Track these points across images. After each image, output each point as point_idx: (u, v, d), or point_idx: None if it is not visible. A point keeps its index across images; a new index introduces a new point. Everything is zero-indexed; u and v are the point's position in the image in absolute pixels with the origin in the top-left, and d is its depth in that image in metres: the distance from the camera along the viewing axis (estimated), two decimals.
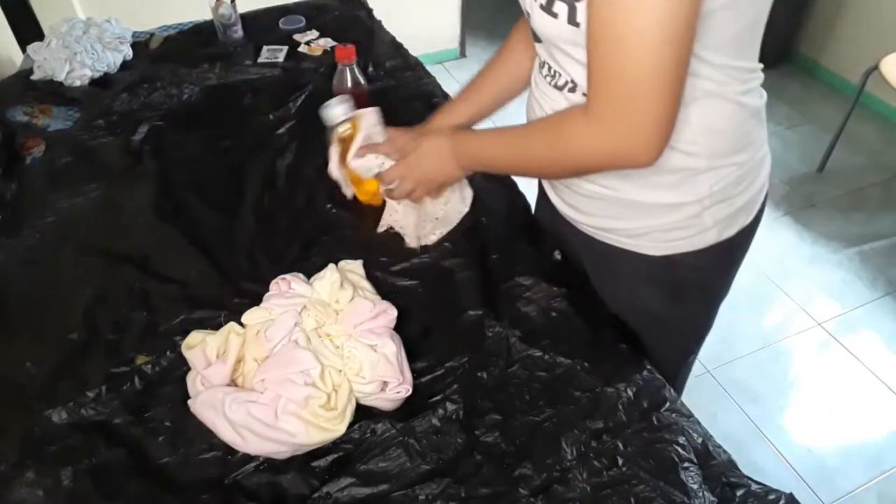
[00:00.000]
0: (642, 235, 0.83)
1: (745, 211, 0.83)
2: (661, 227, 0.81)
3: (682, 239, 0.82)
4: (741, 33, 0.69)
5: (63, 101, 1.32)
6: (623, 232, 0.85)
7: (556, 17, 0.67)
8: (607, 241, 0.88)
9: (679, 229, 0.81)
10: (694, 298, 0.93)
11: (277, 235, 1.02)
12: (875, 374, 1.87)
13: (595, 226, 0.88)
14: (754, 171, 0.81)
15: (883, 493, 1.61)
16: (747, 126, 0.76)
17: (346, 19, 1.64)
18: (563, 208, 0.92)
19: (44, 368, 0.82)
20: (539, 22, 0.70)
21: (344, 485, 0.70)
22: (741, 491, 0.71)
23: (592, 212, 0.86)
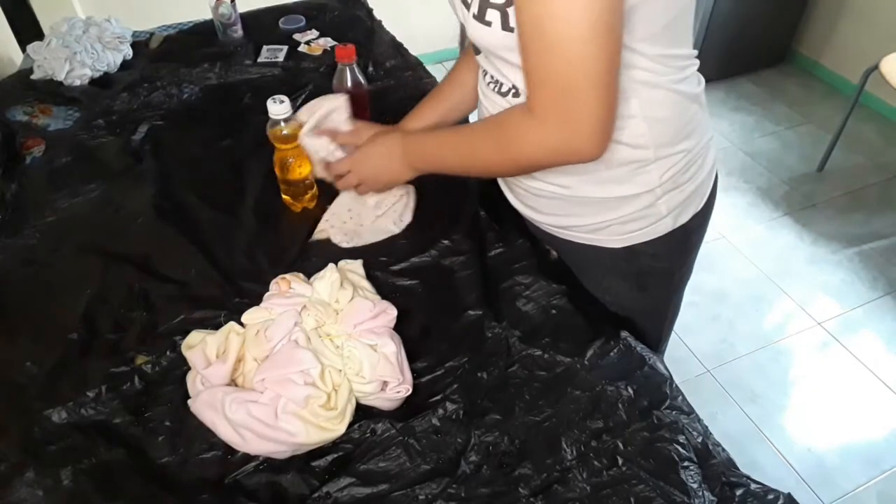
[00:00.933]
0: (601, 230, 0.86)
1: (698, 195, 0.86)
2: (619, 220, 0.84)
3: (640, 229, 0.85)
4: (672, 23, 0.70)
5: (63, 101, 1.32)
6: (582, 228, 0.87)
7: (490, 25, 0.69)
8: (569, 237, 0.91)
9: (635, 220, 0.84)
10: (658, 286, 0.96)
11: (277, 235, 1.02)
12: (875, 374, 1.87)
13: (555, 224, 0.90)
14: (702, 156, 0.84)
15: (883, 492, 1.62)
16: (689, 113, 0.78)
17: (346, 19, 1.64)
18: (523, 209, 0.94)
19: (44, 368, 0.82)
20: (475, 32, 0.72)
21: (344, 485, 0.70)
22: (741, 490, 0.71)
23: (550, 211, 0.88)
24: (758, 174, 2.56)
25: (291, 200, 1.06)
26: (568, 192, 0.83)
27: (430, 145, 0.89)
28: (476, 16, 0.69)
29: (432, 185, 1.12)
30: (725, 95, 2.94)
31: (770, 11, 2.83)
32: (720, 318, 2.02)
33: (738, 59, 2.96)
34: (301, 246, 1.00)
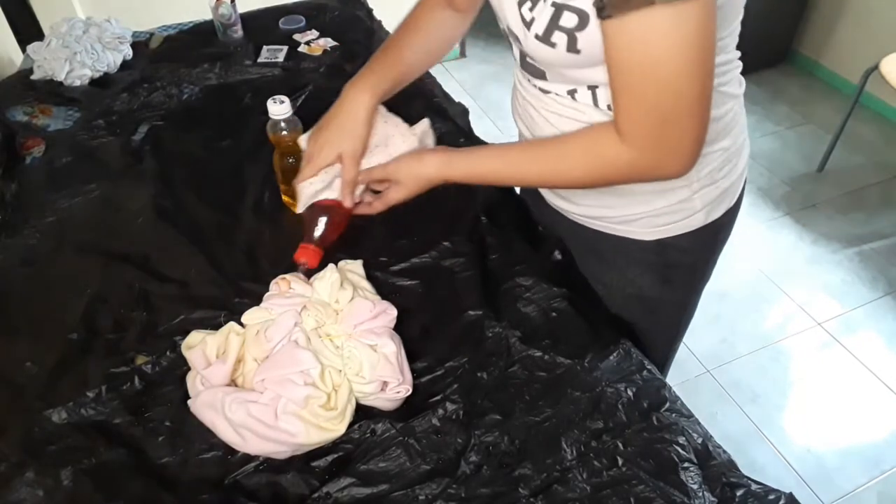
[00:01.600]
0: (634, 221, 0.86)
1: (730, 193, 0.87)
2: (653, 213, 0.84)
3: (673, 223, 0.85)
4: (731, 32, 0.72)
5: (63, 101, 1.32)
6: (615, 219, 0.87)
7: (555, 46, 0.67)
8: (598, 227, 0.90)
9: (669, 213, 0.84)
10: (682, 281, 0.96)
11: (277, 235, 1.02)
12: (875, 374, 1.87)
13: (586, 214, 0.90)
14: (737, 155, 0.85)
15: (883, 493, 1.62)
16: (731, 113, 0.80)
17: (346, 19, 1.64)
18: (552, 198, 0.94)
19: (44, 368, 0.82)
20: (535, 51, 0.71)
21: (344, 485, 0.70)
22: (741, 491, 0.71)
23: (583, 202, 0.89)
24: (758, 174, 2.56)
25: (291, 200, 1.06)
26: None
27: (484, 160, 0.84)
28: (540, 37, 0.68)
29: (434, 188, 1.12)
30: None
31: (770, 11, 2.82)
32: (720, 318, 2.02)
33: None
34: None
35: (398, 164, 0.88)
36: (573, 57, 0.68)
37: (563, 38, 0.66)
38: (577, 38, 0.66)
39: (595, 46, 0.65)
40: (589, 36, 0.65)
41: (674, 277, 0.94)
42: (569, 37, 0.66)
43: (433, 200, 1.06)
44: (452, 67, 3.28)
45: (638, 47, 0.60)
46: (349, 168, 0.90)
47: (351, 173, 0.90)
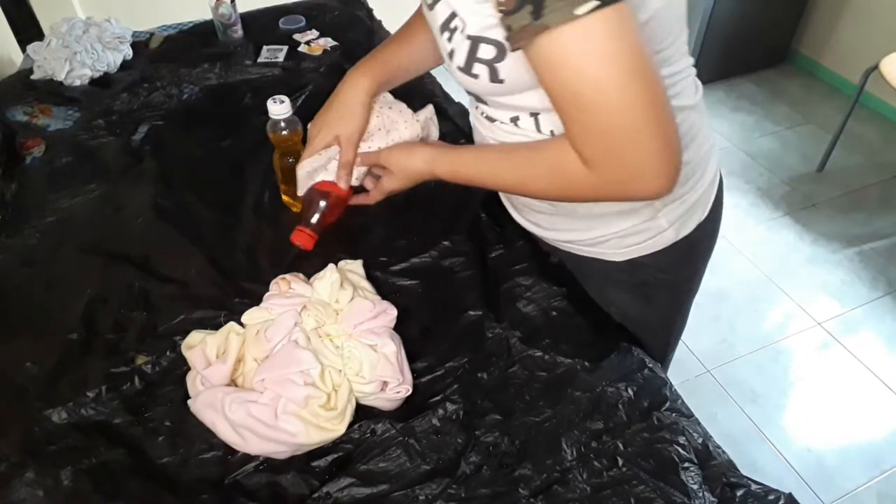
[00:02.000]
0: (602, 243, 0.85)
1: (700, 206, 0.84)
2: (619, 234, 0.83)
3: (642, 242, 0.83)
4: (668, 47, 0.68)
5: (63, 101, 1.32)
6: (584, 241, 0.87)
7: (477, 77, 0.67)
8: (571, 250, 0.90)
9: (636, 234, 0.82)
10: (664, 297, 0.94)
11: (277, 235, 1.02)
12: (875, 374, 1.87)
13: (557, 238, 0.90)
14: (702, 166, 0.81)
15: (883, 493, 1.62)
16: (686, 124, 0.76)
17: (346, 19, 1.64)
18: (526, 224, 0.94)
19: (44, 368, 0.82)
20: (461, 80, 0.70)
21: (344, 485, 0.70)
22: (741, 491, 0.71)
23: (550, 226, 0.88)
24: (758, 174, 2.56)
25: (291, 200, 1.06)
26: (567, 208, 0.82)
27: (465, 161, 0.82)
28: (462, 68, 0.67)
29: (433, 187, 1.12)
30: (725, 95, 2.93)
31: (770, 11, 2.82)
32: (720, 318, 2.02)
33: (738, 59, 2.96)
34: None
35: (390, 152, 0.88)
36: (497, 86, 0.67)
37: (483, 69, 0.65)
38: (498, 69, 0.65)
39: (518, 74, 0.64)
40: (508, 66, 0.64)
41: (654, 295, 0.92)
42: (489, 68, 0.65)
43: (433, 199, 1.06)
44: None
45: (561, 72, 0.57)
46: (346, 150, 0.89)
47: (347, 155, 0.89)
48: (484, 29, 0.62)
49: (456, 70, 0.68)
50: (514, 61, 0.62)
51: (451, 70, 0.70)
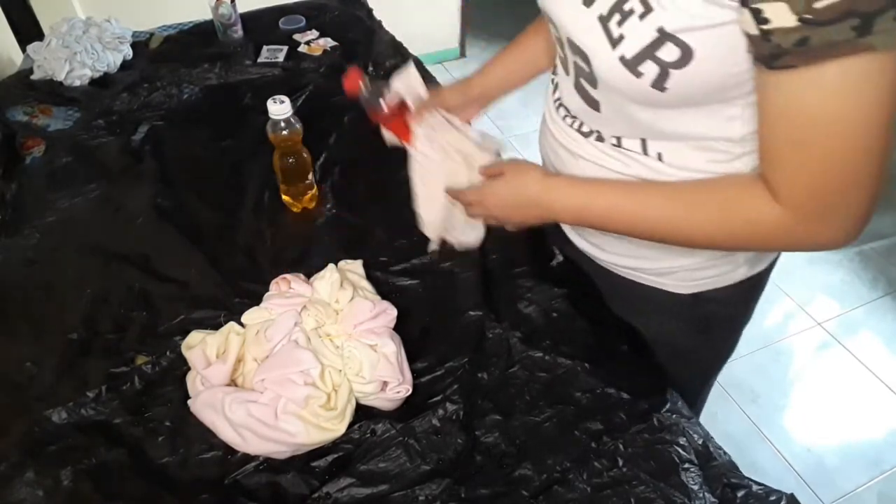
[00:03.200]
0: (668, 274, 0.80)
1: None
2: (691, 266, 0.77)
3: (713, 276, 0.78)
4: None
5: (63, 101, 1.32)
6: (649, 271, 0.81)
7: (640, 76, 0.58)
8: (630, 277, 0.84)
9: (710, 267, 0.77)
10: (721, 330, 0.89)
11: (277, 235, 1.02)
12: (875, 374, 1.87)
13: (619, 264, 0.84)
14: None
15: (883, 493, 1.62)
16: None
17: (346, 19, 1.64)
18: (584, 245, 0.88)
19: (44, 368, 0.82)
20: (608, 72, 0.61)
21: (344, 485, 0.70)
22: (742, 492, 0.71)
23: (617, 251, 0.83)
24: None
25: (291, 200, 1.06)
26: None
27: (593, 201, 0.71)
28: (626, 60, 0.58)
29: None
30: None
31: None
32: None
33: None
34: (301, 246, 1.00)
35: (512, 161, 0.82)
36: (654, 94, 0.59)
37: (653, 69, 0.57)
38: (671, 75, 0.57)
39: (687, 88, 0.58)
40: (686, 76, 0.56)
41: (711, 328, 0.87)
42: (661, 71, 0.57)
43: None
44: (452, 67, 3.28)
45: (832, 102, 0.50)
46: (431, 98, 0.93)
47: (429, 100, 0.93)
48: (684, 29, 0.54)
49: (614, 61, 0.59)
50: (696, 72, 0.56)
51: (601, 60, 0.61)
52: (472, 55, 3.35)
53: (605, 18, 0.59)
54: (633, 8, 0.56)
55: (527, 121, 2.84)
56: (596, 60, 0.62)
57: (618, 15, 0.57)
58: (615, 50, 0.58)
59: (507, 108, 2.97)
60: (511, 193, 0.77)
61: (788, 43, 0.48)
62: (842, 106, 0.50)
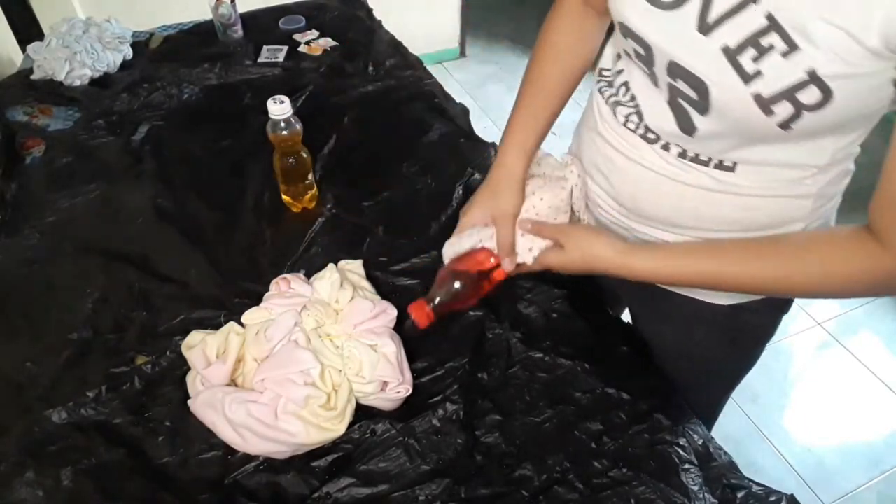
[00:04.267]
0: None
1: None
2: None
3: None
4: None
5: (63, 101, 1.32)
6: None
7: (771, 115, 0.55)
8: (668, 287, 0.81)
9: None
10: (750, 342, 0.89)
11: (277, 235, 1.02)
12: (875, 374, 1.87)
13: None
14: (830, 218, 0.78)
15: (883, 493, 1.62)
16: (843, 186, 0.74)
17: (346, 19, 1.64)
18: None
19: (44, 368, 0.82)
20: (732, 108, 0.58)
21: (344, 485, 0.70)
22: (742, 492, 0.71)
23: None
24: None
25: (291, 200, 1.06)
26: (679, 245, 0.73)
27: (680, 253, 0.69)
28: (761, 98, 0.55)
29: (433, 184, 1.12)
30: None
31: None
32: None
33: None
34: (301, 246, 1.00)
35: (573, 229, 0.76)
36: (776, 131, 0.57)
37: (787, 110, 0.54)
38: (803, 117, 0.54)
39: (812, 129, 0.56)
40: (817, 118, 0.54)
41: (741, 339, 0.86)
42: (795, 112, 0.54)
43: (432, 199, 1.06)
44: (452, 67, 3.28)
45: None
46: (502, 229, 0.78)
47: (505, 235, 0.78)
48: (837, 75, 0.51)
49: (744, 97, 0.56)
50: (828, 114, 0.54)
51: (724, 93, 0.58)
52: (472, 55, 3.35)
53: (732, 51, 0.55)
54: (774, 44, 0.52)
55: None
56: (718, 91, 0.58)
57: (752, 50, 0.54)
58: (748, 86, 0.55)
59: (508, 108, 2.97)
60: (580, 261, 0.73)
61: None
62: None
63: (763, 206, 0.67)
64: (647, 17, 0.62)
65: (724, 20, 0.55)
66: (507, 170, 0.81)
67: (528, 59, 0.85)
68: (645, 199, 0.74)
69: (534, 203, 0.80)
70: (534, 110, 0.83)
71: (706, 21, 0.57)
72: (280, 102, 0.94)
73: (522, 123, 0.83)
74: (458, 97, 1.38)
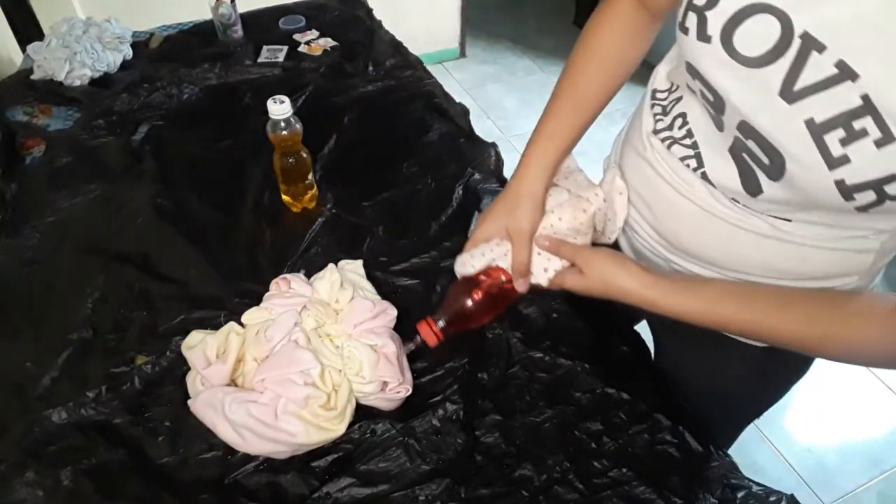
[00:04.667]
0: None
1: None
2: None
3: None
4: None
5: (63, 101, 1.32)
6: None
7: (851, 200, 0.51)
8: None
9: None
10: (781, 382, 0.85)
11: (277, 235, 1.02)
12: (875, 374, 1.87)
13: None
14: None
15: (883, 493, 1.61)
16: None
17: (346, 19, 1.64)
18: None
19: (44, 368, 0.82)
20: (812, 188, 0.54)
21: (344, 485, 0.70)
22: (742, 493, 0.71)
23: None
24: None
25: (291, 200, 1.06)
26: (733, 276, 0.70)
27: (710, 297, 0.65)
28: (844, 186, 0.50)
29: (433, 184, 1.12)
30: None
31: None
32: None
33: None
34: (301, 246, 1.00)
35: (595, 256, 0.70)
36: (851, 212, 0.53)
37: (870, 197, 0.50)
38: (885, 205, 0.50)
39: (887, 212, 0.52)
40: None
41: (774, 378, 0.83)
42: (877, 199, 0.50)
43: (433, 199, 1.06)
44: (452, 67, 3.28)
45: None
46: (518, 247, 0.74)
47: (521, 254, 0.74)
48: None
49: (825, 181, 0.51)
50: None
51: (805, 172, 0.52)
52: (472, 55, 3.35)
53: (818, 127, 0.50)
54: (867, 129, 0.47)
55: (527, 121, 2.84)
56: (796, 167, 0.53)
57: (841, 131, 0.48)
58: (833, 172, 0.50)
59: (508, 108, 2.97)
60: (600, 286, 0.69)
61: None
62: None
63: (820, 259, 0.63)
64: (725, 70, 0.56)
65: (813, 91, 0.49)
66: (526, 184, 0.76)
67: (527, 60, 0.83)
68: (691, 236, 0.69)
69: (552, 222, 0.76)
70: (564, 118, 0.77)
71: (792, 88, 0.51)
72: (280, 102, 0.94)
73: (549, 133, 0.77)
74: (458, 97, 1.38)
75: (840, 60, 0.47)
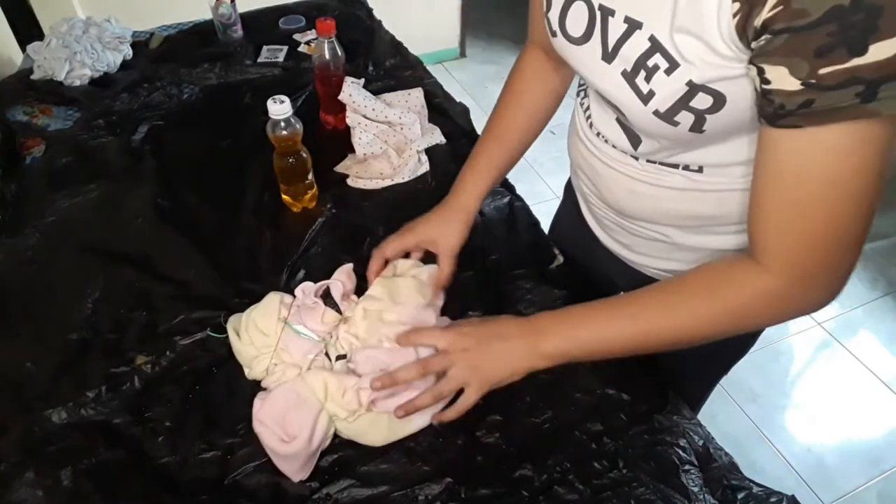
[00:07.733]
0: None
1: None
2: None
3: None
4: None
5: (63, 101, 1.32)
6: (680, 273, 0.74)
7: (677, 125, 0.59)
8: (660, 278, 0.83)
9: None
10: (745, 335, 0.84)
11: (277, 235, 1.02)
12: (875, 374, 1.87)
13: (649, 265, 0.84)
14: None
15: (883, 493, 1.62)
16: None
17: (346, 19, 1.64)
18: (613, 245, 0.88)
19: (44, 368, 0.82)
20: (645, 125, 0.63)
21: (344, 486, 0.70)
22: (742, 493, 0.71)
23: (648, 252, 0.83)
24: None
25: (291, 200, 1.06)
26: (670, 239, 0.77)
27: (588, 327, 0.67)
28: (660, 114, 0.59)
29: (433, 185, 1.12)
30: None
31: None
32: None
33: None
34: (301, 246, 1.00)
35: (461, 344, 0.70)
36: (694, 135, 0.60)
37: (689, 117, 0.58)
38: (707, 120, 0.58)
39: (724, 126, 0.59)
40: (721, 118, 0.57)
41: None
42: (697, 117, 0.58)
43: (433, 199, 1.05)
44: (452, 67, 3.28)
45: (832, 163, 0.49)
46: (446, 262, 0.85)
47: (445, 269, 0.85)
48: (713, 80, 0.54)
49: (647, 115, 0.60)
50: (730, 112, 0.56)
51: (634, 114, 0.62)
52: (472, 55, 3.35)
53: (629, 75, 0.60)
54: (658, 63, 0.56)
55: None
56: (630, 114, 0.63)
57: (643, 71, 0.58)
58: (647, 105, 0.60)
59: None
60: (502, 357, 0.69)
61: (792, 104, 0.48)
62: (841, 168, 0.50)
63: (736, 200, 0.69)
64: (569, 52, 0.69)
65: (619, 47, 0.60)
66: (462, 202, 0.87)
67: None
68: (625, 201, 0.78)
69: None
70: (490, 156, 0.89)
71: (607, 50, 0.62)
72: (280, 102, 0.94)
73: (478, 169, 0.89)
74: (458, 97, 1.38)
75: (626, 16, 0.59)
